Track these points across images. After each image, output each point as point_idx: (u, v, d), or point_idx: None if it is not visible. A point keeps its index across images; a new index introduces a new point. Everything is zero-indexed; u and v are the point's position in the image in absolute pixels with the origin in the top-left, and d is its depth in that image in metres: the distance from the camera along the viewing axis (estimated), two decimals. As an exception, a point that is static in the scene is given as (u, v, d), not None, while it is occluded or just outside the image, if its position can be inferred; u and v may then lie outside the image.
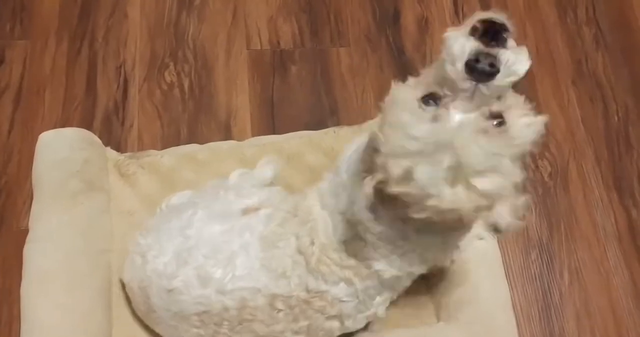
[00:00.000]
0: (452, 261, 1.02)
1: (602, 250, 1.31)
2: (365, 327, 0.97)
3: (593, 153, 1.42)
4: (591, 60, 1.53)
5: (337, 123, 1.37)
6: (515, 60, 0.66)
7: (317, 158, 1.20)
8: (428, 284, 1.07)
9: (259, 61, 1.45)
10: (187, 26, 1.48)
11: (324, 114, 1.41)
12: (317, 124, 1.33)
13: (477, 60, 0.65)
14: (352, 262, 0.82)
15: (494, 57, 0.65)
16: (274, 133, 1.32)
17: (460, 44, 0.66)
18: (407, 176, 0.66)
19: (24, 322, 0.93)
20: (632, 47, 1.55)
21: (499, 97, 0.68)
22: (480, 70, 0.64)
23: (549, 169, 1.39)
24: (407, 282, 0.91)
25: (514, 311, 1.05)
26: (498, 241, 1.10)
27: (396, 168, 0.66)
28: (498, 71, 0.65)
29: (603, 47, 1.54)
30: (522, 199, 0.71)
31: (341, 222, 0.83)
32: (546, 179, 1.38)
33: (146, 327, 0.99)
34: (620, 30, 1.57)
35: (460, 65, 0.65)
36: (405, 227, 0.78)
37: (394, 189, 0.68)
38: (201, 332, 0.88)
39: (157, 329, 0.96)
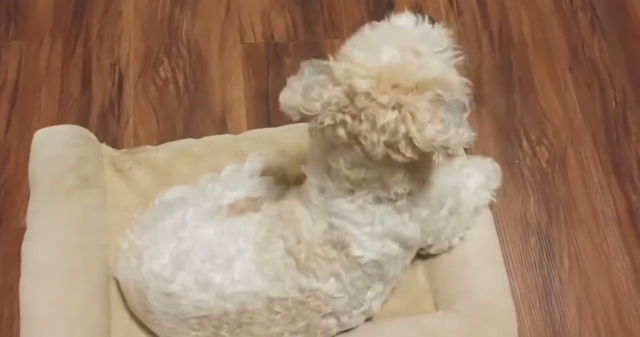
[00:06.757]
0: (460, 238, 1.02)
1: (602, 235, 1.30)
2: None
3: (591, 139, 1.41)
4: (587, 45, 1.52)
5: (333, 115, 1.36)
6: None
7: (313, 150, 1.20)
8: (426, 273, 1.07)
9: (253, 55, 1.46)
10: (181, 22, 1.49)
11: (319, 106, 1.41)
12: (313, 116, 1.33)
13: None
14: (334, 253, 0.85)
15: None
16: (269, 126, 1.32)
17: None
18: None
19: (23, 318, 0.93)
20: (629, 32, 1.54)
21: None
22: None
23: (546, 155, 1.38)
24: (395, 270, 0.92)
25: (514, 298, 1.05)
26: (496, 228, 1.10)
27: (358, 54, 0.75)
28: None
29: (599, 32, 1.53)
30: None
31: (318, 215, 0.86)
32: (544, 165, 1.37)
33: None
34: (616, 15, 1.56)
35: None
36: (361, 201, 0.83)
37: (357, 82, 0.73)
38: (200, 334, 0.88)
39: (155, 330, 0.96)
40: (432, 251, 1.01)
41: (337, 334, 0.96)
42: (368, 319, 0.98)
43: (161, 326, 0.92)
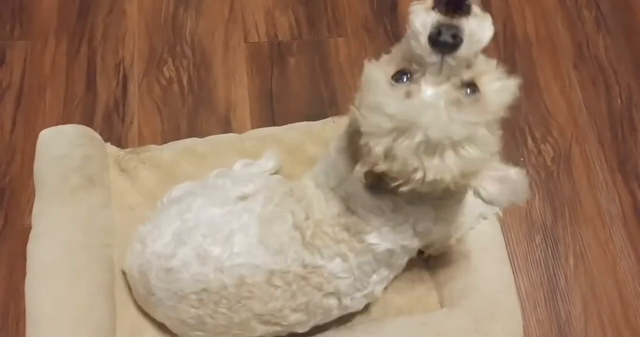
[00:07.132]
0: (457, 240, 1.01)
1: (607, 233, 1.30)
2: (366, 310, 0.97)
3: (596, 136, 1.41)
4: (592, 43, 1.51)
5: (337, 114, 1.36)
6: (478, 28, 0.67)
7: (317, 148, 1.20)
8: (431, 270, 1.07)
9: (257, 54, 1.46)
10: (185, 21, 1.49)
11: (323, 105, 1.41)
12: (317, 115, 1.33)
13: (439, 33, 0.65)
14: (345, 236, 0.83)
15: (456, 27, 0.65)
16: (273, 125, 1.32)
17: (421, 18, 0.67)
18: (388, 154, 0.68)
19: (29, 317, 0.94)
20: (634, 29, 1.53)
21: (468, 66, 0.69)
22: (444, 42, 0.65)
23: (551, 153, 1.38)
24: (403, 260, 0.90)
25: (519, 296, 1.05)
26: (501, 226, 1.10)
27: (378, 147, 0.68)
28: (462, 41, 0.66)
29: (604, 29, 1.53)
30: (513, 171, 0.74)
31: (334, 198, 0.84)
32: (549, 163, 1.37)
33: (151, 320, 1.00)
34: (621, 12, 1.55)
35: (423, 40, 0.66)
36: (397, 198, 0.80)
37: (381, 167, 0.70)
38: (199, 312, 0.88)
39: (157, 314, 0.96)
40: (429, 251, 1.01)
41: (341, 329, 0.96)
42: (368, 304, 0.97)
43: (162, 306, 0.91)
